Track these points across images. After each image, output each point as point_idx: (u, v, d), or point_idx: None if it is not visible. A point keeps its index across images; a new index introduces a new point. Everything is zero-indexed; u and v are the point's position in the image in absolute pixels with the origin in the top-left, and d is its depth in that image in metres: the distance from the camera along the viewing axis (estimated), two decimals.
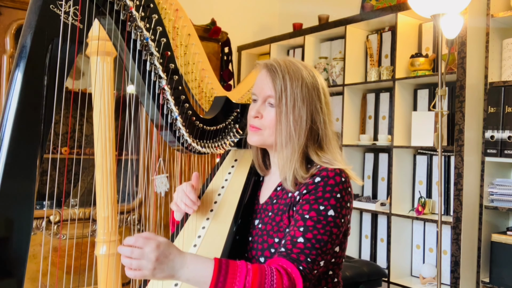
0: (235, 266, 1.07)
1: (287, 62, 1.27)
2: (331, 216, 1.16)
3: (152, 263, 1.02)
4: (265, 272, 1.07)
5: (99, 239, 1.92)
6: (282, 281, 1.07)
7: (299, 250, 1.12)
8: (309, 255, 1.12)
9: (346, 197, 1.20)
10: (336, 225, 1.16)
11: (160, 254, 1.03)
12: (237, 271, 1.06)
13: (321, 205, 1.17)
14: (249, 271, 1.06)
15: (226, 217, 1.35)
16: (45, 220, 2.71)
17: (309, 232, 1.14)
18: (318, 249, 1.13)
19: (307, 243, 1.13)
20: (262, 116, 1.29)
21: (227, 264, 1.07)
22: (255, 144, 1.33)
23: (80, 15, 1.06)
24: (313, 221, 1.15)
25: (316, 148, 1.27)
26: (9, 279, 0.98)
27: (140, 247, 1.02)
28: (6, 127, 0.98)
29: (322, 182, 1.19)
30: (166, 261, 1.04)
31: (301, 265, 1.11)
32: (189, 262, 1.06)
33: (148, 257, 1.02)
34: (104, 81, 1.88)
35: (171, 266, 1.04)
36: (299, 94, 1.24)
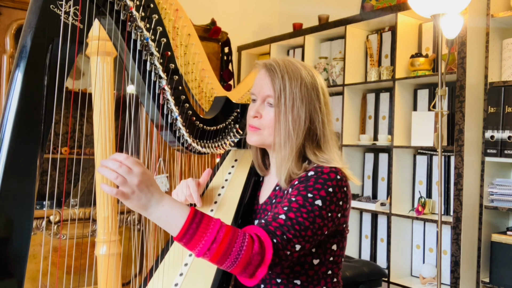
0: (209, 220, 1.05)
1: (286, 62, 1.27)
2: (317, 205, 1.14)
3: (133, 186, 1.00)
4: (237, 233, 1.05)
5: (99, 239, 1.92)
6: (252, 246, 1.05)
7: (277, 225, 1.11)
8: (286, 232, 1.10)
9: (339, 195, 1.18)
10: (321, 216, 1.14)
11: (144, 180, 1.01)
12: (210, 225, 1.04)
13: (309, 193, 1.16)
14: (222, 227, 1.05)
15: (226, 217, 1.35)
16: (45, 220, 2.71)
17: (292, 212, 1.13)
18: (297, 230, 1.11)
19: (288, 221, 1.12)
20: (261, 116, 1.29)
21: (202, 215, 1.05)
22: (255, 144, 1.33)
23: (80, 15, 1.06)
24: (298, 204, 1.14)
25: (314, 148, 1.26)
26: (9, 279, 0.98)
27: (128, 166, 1.00)
28: (6, 127, 0.98)
29: (316, 175, 1.19)
30: (146, 191, 1.02)
31: (275, 238, 1.09)
32: (166, 202, 1.04)
33: (132, 178, 1.00)
34: (104, 81, 1.88)
35: (149, 197, 1.02)
36: (298, 94, 1.24)
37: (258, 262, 1.05)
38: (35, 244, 2.64)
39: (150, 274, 1.34)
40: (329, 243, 1.24)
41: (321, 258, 1.23)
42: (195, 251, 1.04)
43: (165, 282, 1.29)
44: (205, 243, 1.03)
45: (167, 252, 1.37)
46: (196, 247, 1.03)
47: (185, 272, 1.29)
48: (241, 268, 1.05)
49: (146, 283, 1.33)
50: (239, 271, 1.05)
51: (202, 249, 1.03)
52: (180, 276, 1.29)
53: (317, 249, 1.22)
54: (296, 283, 1.23)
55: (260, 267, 1.06)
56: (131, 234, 2.91)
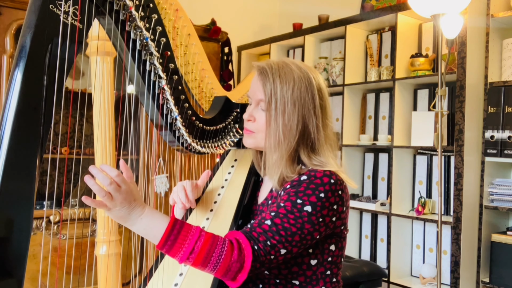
0: (188, 229, 1.08)
1: (281, 64, 1.25)
2: (306, 211, 1.14)
3: (119, 201, 1.05)
4: (216, 242, 1.08)
5: (99, 239, 1.92)
6: (231, 254, 1.07)
7: (261, 230, 1.12)
8: (270, 238, 1.11)
9: (332, 199, 1.17)
10: (311, 222, 1.14)
11: (128, 198, 1.06)
12: (189, 234, 1.07)
13: (299, 199, 1.15)
14: (201, 237, 1.07)
15: (226, 217, 1.35)
16: (45, 220, 2.71)
17: (278, 218, 1.13)
18: (282, 236, 1.11)
19: (273, 227, 1.12)
20: (255, 119, 1.28)
21: (182, 225, 1.08)
22: (250, 146, 1.33)
23: (79, 15, 1.06)
24: (286, 210, 1.14)
25: (308, 151, 1.24)
26: (9, 279, 0.98)
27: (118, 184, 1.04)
28: (5, 127, 0.98)
29: (308, 180, 1.18)
30: (128, 206, 1.06)
31: (257, 244, 1.10)
32: (145, 214, 1.09)
33: (118, 196, 1.04)
34: (104, 81, 1.87)
35: (129, 211, 1.07)
36: (289, 97, 1.21)
37: (237, 268, 1.08)
38: (35, 244, 2.64)
39: (150, 274, 1.34)
40: (327, 244, 1.24)
41: (318, 258, 1.23)
42: (176, 259, 1.08)
43: (165, 282, 1.29)
44: (184, 253, 1.07)
45: None
46: (176, 255, 1.08)
47: (185, 272, 1.29)
48: (221, 274, 1.09)
49: (146, 283, 1.33)
50: (220, 276, 1.10)
51: (182, 258, 1.07)
52: (180, 276, 1.29)
53: (314, 249, 1.22)
54: (294, 283, 1.22)
55: (240, 273, 1.09)
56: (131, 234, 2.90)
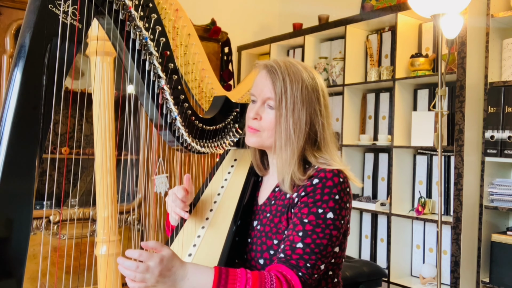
0: (235, 274, 1.08)
1: (287, 63, 1.26)
2: (330, 218, 1.16)
3: (155, 277, 1.04)
4: (264, 280, 1.08)
5: (99, 239, 1.92)
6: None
7: (298, 256, 1.13)
8: (308, 260, 1.12)
9: (344, 198, 1.19)
10: (336, 227, 1.16)
11: (164, 268, 1.04)
12: (236, 279, 1.07)
13: (319, 208, 1.16)
14: (248, 279, 1.07)
15: (225, 218, 1.35)
16: (45, 220, 2.71)
17: (308, 237, 1.14)
18: (317, 253, 1.13)
19: (306, 248, 1.13)
20: (261, 117, 1.28)
21: (227, 272, 1.08)
22: (253, 145, 1.32)
23: (79, 15, 1.06)
24: (312, 225, 1.15)
25: (314, 150, 1.26)
26: (8, 279, 0.98)
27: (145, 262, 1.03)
28: (5, 127, 0.97)
29: (320, 183, 1.19)
30: (169, 274, 1.05)
31: (300, 271, 1.11)
32: (189, 273, 1.07)
33: (153, 271, 1.03)
34: (104, 81, 1.87)
35: (173, 278, 1.06)
36: (299, 96, 1.23)
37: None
38: (35, 244, 2.64)
39: None
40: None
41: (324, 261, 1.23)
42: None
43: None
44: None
45: None
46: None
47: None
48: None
49: None
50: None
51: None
52: None
53: None
54: None
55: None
56: (131, 234, 2.91)
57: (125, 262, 1.04)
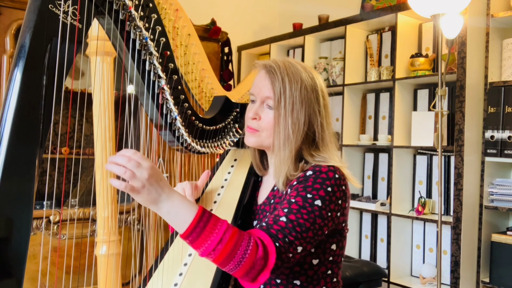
0: (217, 220, 1.06)
1: (287, 63, 1.26)
2: (317, 205, 1.14)
3: (144, 178, 1.00)
4: (243, 237, 1.06)
5: (99, 239, 1.92)
6: (257, 250, 1.05)
7: (279, 228, 1.12)
8: (287, 235, 1.11)
9: (338, 193, 1.18)
10: (321, 216, 1.15)
11: (154, 174, 1.01)
12: (217, 225, 1.04)
13: (309, 193, 1.16)
14: (229, 229, 1.05)
15: (225, 217, 1.34)
16: (45, 220, 2.71)
17: (292, 214, 1.13)
18: (298, 232, 1.12)
19: (289, 223, 1.12)
20: (260, 117, 1.28)
21: (210, 215, 1.06)
22: (252, 145, 1.32)
23: (79, 15, 1.06)
24: (298, 205, 1.15)
25: (312, 149, 1.26)
26: (8, 279, 0.98)
27: (137, 161, 1.00)
28: (5, 127, 0.97)
29: (314, 175, 1.19)
30: (156, 185, 1.02)
31: (277, 241, 1.09)
32: (176, 197, 1.04)
33: (142, 172, 1.00)
34: (104, 81, 1.87)
35: (159, 191, 1.02)
36: (298, 96, 1.23)
37: (261, 266, 1.06)
38: (35, 244, 2.64)
39: (149, 274, 1.34)
40: (328, 243, 1.24)
41: (320, 258, 1.23)
42: (200, 250, 1.04)
43: (164, 282, 1.29)
44: (210, 243, 1.03)
45: (166, 252, 1.37)
46: (201, 246, 1.04)
47: (184, 272, 1.29)
48: (243, 272, 1.05)
49: (145, 283, 1.33)
50: (241, 274, 1.06)
51: (207, 249, 1.03)
52: (179, 276, 1.29)
53: (316, 249, 1.22)
54: (295, 283, 1.22)
55: (263, 272, 1.06)
56: (131, 234, 2.91)
57: (116, 157, 1.00)
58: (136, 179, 0.99)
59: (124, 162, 0.99)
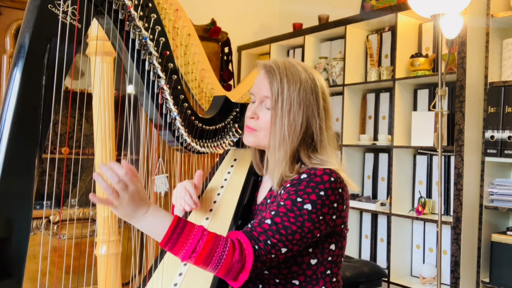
0: (191, 228, 1.09)
1: (287, 64, 1.26)
2: (306, 209, 1.14)
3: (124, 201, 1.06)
4: (218, 242, 1.09)
5: (99, 239, 1.92)
6: (233, 254, 1.08)
7: (262, 230, 1.13)
8: (270, 238, 1.12)
9: (332, 197, 1.17)
10: (311, 220, 1.14)
11: (134, 197, 1.07)
12: (191, 234, 1.09)
13: (299, 197, 1.16)
14: (203, 236, 1.09)
15: (225, 217, 1.35)
16: (45, 220, 2.71)
17: (278, 217, 1.14)
18: (282, 235, 1.12)
19: (273, 226, 1.13)
20: (258, 117, 1.28)
21: (185, 224, 1.09)
22: (250, 144, 1.32)
23: (78, 15, 1.06)
24: (286, 209, 1.15)
25: (309, 151, 1.25)
26: (8, 279, 0.98)
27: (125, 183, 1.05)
28: (4, 127, 0.97)
29: (308, 178, 1.18)
30: (133, 205, 1.07)
31: (258, 244, 1.11)
32: (149, 213, 1.10)
33: (125, 195, 1.05)
34: (104, 81, 1.87)
35: (135, 210, 1.08)
36: (295, 98, 1.22)
37: (238, 269, 1.09)
38: (35, 244, 2.64)
39: (149, 274, 1.34)
40: (327, 243, 1.24)
41: (318, 258, 1.23)
42: (179, 256, 1.10)
43: (164, 282, 1.29)
44: (186, 251, 1.08)
45: (166, 252, 1.37)
46: (178, 253, 1.09)
47: (184, 272, 1.29)
48: (223, 273, 1.10)
49: (145, 283, 1.33)
50: (222, 275, 1.11)
51: (185, 256, 1.09)
52: (179, 276, 1.29)
53: (314, 249, 1.22)
54: (294, 283, 1.22)
55: (242, 273, 1.10)
56: (131, 234, 2.91)
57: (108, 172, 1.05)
58: (117, 199, 1.06)
59: (114, 181, 1.05)
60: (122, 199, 1.05)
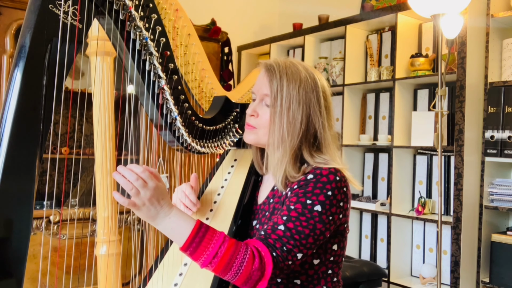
0: (213, 233, 1.09)
1: (288, 63, 1.26)
2: (317, 211, 1.15)
3: (146, 198, 1.05)
4: (239, 248, 1.09)
5: (99, 239, 1.92)
6: (253, 262, 1.08)
7: (277, 237, 1.13)
8: (285, 244, 1.12)
9: (338, 196, 1.18)
10: (322, 221, 1.15)
11: (157, 194, 1.06)
12: (213, 238, 1.08)
13: (308, 199, 1.16)
14: (225, 242, 1.08)
15: (225, 217, 1.35)
16: (45, 220, 2.71)
17: (291, 222, 1.14)
18: (296, 240, 1.13)
19: (287, 232, 1.13)
20: (258, 115, 1.28)
21: (207, 228, 1.09)
22: (250, 142, 1.33)
23: (79, 15, 1.06)
24: (297, 213, 1.15)
25: (313, 150, 1.25)
26: (8, 279, 0.98)
27: (144, 180, 1.05)
28: (5, 127, 0.97)
29: (315, 179, 1.19)
30: (156, 204, 1.07)
31: (275, 251, 1.11)
32: (173, 214, 1.09)
33: (146, 192, 1.04)
34: (104, 81, 1.87)
35: (158, 210, 1.07)
36: (295, 95, 1.22)
37: (258, 277, 1.09)
38: (35, 244, 2.64)
39: (149, 274, 1.34)
40: (330, 243, 1.24)
41: (321, 258, 1.23)
42: (199, 262, 1.09)
43: (164, 282, 1.29)
44: (207, 257, 1.07)
45: (166, 252, 1.37)
46: (199, 259, 1.08)
47: (184, 272, 1.29)
48: (241, 282, 1.09)
49: (145, 283, 1.33)
50: (240, 284, 1.10)
51: (205, 262, 1.08)
52: (179, 276, 1.29)
53: (318, 249, 1.22)
54: (296, 283, 1.23)
55: (260, 281, 1.10)
56: (131, 234, 2.91)
57: (126, 171, 1.04)
58: (139, 197, 1.05)
59: (132, 179, 1.04)
60: (143, 196, 1.04)
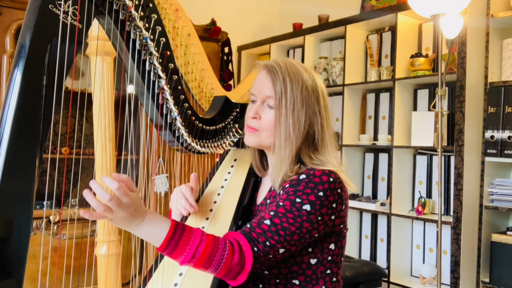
0: (189, 233, 1.09)
1: (288, 63, 1.27)
2: (305, 210, 1.15)
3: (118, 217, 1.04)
4: (218, 245, 1.09)
5: (99, 239, 1.92)
6: (232, 257, 1.09)
7: (261, 231, 1.13)
8: (269, 239, 1.12)
9: (331, 197, 1.18)
10: (309, 220, 1.15)
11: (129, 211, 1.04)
12: (190, 238, 1.08)
13: (298, 198, 1.16)
14: (202, 241, 1.08)
15: (225, 218, 1.35)
16: (45, 220, 2.71)
17: (277, 218, 1.15)
18: (281, 236, 1.13)
19: (272, 227, 1.14)
20: (260, 117, 1.28)
21: (183, 229, 1.09)
22: (252, 145, 1.32)
23: (79, 15, 1.06)
24: (285, 209, 1.16)
25: (311, 151, 1.26)
26: (8, 279, 0.98)
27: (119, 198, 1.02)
28: (5, 127, 0.97)
29: (307, 179, 1.19)
30: (129, 217, 1.05)
31: (257, 246, 1.12)
32: (146, 221, 1.08)
33: (119, 210, 1.03)
34: (104, 81, 1.87)
35: (130, 220, 1.06)
36: (299, 96, 1.23)
37: (237, 271, 1.10)
38: (35, 244, 2.64)
39: (149, 274, 1.34)
40: (326, 243, 1.24)
41: (318, 257, 1.23)
42: (178, 261, 1.10)
43: (164, 282, 1.29)
44: (185, 257, 1.08)
45: None
46: (177, 259, 1.09)
47: (184, 272, 1.29)
48: (222, 275, 1.11)
49: (145, 283, 1.33)
50: (221, 276, 1.11)
51: (183, 261, 1.09)
52: (179, 276, 1.29)
53: (314, 248, 1.22)
54: (294, 283, 1.23)
55: (240, 275, 1.11)
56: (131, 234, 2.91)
57: (99, 189, 1.02)
58: (112, 214, 1.03)
59: (105, 200, 1.01)
60: (117, 214, 1.03)
